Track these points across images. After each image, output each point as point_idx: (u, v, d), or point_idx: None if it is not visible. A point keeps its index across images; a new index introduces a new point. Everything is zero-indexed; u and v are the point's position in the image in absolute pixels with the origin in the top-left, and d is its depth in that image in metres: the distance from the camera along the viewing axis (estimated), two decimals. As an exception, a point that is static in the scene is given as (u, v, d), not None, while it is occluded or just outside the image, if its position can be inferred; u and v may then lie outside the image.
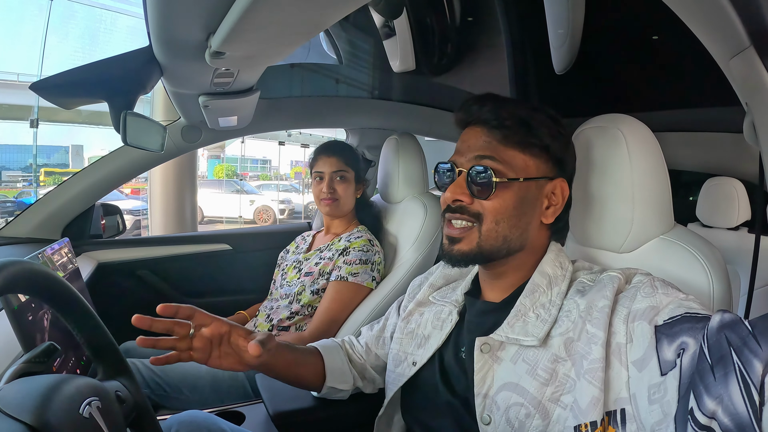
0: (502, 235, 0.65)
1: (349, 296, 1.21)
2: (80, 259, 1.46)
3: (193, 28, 0.64)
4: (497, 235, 0.64)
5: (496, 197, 0.64)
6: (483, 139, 0.65)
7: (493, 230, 0.64)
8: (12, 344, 0.73)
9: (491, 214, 0.64)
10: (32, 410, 0.41)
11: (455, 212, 0.66)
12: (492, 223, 0.64)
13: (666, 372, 0.47)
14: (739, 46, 0.55)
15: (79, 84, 0.78)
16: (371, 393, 0.85)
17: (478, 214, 0.65)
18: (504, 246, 0.65)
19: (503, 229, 0.65)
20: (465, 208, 0.65)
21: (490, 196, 0.64)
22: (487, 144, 0.65)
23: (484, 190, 0.64)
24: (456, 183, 0.65)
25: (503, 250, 0.66)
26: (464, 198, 0.65)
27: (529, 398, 0.57)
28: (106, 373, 0.56)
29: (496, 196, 0.64)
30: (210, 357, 0.65)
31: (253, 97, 1.07)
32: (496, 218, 0.64)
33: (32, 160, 9.79)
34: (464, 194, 0.65)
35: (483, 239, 0.65)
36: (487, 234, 0.64)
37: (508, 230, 0.65)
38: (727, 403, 0.38)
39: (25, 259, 0.47)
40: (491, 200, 0.64)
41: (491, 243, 0.65)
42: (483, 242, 0.65)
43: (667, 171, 0.72)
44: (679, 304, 0.52)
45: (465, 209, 0.65)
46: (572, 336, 0.58)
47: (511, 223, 0.65)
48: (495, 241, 0.65)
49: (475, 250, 0.65)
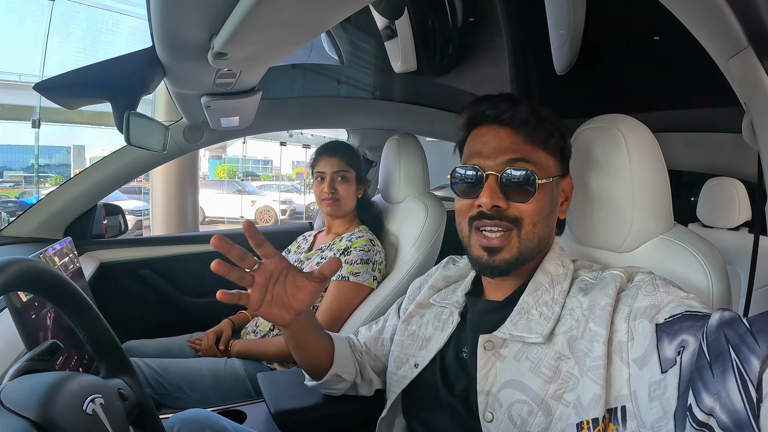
0: (538, 236, 0.65)
1: (350, 296, 1.21)
2: (82, 258, 1.47)
3: (196, 29, 0.65)
4: (534, 237, 0.64)
5: (535, 200, 0.63)
6: (509, 140, 0.64)
7: (531, 233, 0.64)
8: (15, 342, 0.73)
9: (530, 217, 0.63)
10: (36, 407, 0.41)
11: (492, 219, 0.63)
12: (530, 226, 0.64)
13: (666, 369, 0.48)
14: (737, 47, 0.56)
15: (83, 84, 0.79)
16: (366, 396, 0.83)
17: (516, 219, 0.63)
18: (538, 247, 0.66)
19: (539, 230, 0.65)
20: (502, 213, 0.63)
21: (530, 199, 0.63)
22: (516, 145, 0.64)
23: (524, 194, 0.63)
24: (490, 188, 0.63)
25: (536, 251, 0.66)
26: (501, 203, 0.63)
27: (532, 395, 0.57)
28: (109, 371, 0.57)
29: (535, 198, 0.63)
30: (263, 301, 0.64)
31: (255, 97, 1.07)
32: (533, 221, 0.64)
33: (34, 161, 9.80)
34: (500, 199, 0.63)
35: (523, 243, 0.64)
36: (526, 237, 0.64)
37: (542, 230, 0.65)
38: (725, 400, 0.39)
39: (29, 257, 0.47)
40: (531, 203, 0.63)
41: (528, 246, 0.64)
42: (523, 246, 0.64)
43: (666, 171, 0.72)
44: (680, 303, 0.52)
45: (502, 214, 0.63)
46: (575, 334, 0.58)
47: (545, 223, 0.65)
48: (532, 243, 0.65)
49: (516, 256, 0.64)
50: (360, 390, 0.83)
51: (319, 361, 0.78)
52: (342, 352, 0.80)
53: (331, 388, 0.81)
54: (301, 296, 0.66)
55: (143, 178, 8.49)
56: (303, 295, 0.66)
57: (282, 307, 0.65)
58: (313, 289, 0.66)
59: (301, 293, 0.65)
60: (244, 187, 11.20)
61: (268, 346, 1.21)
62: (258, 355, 1.22)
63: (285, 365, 1.22)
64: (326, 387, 0.81)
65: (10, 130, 11.13)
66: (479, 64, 1.92)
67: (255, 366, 1.20)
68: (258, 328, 1.29)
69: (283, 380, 0.94)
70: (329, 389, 0.82)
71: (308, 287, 0.66)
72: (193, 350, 1.31)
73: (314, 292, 0.66)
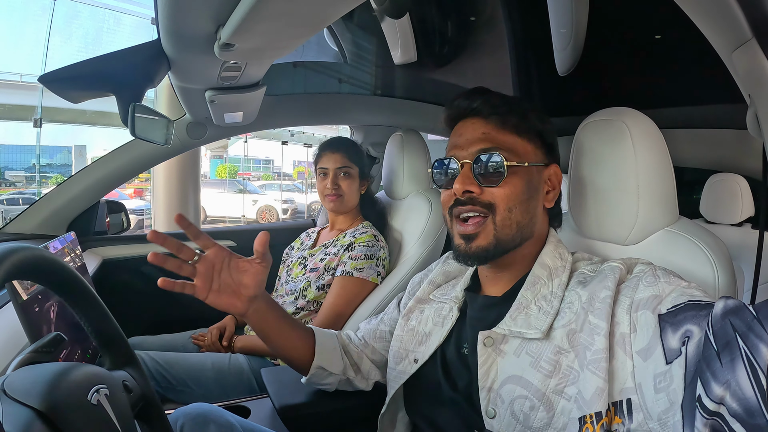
0: (515, 222, 0.65)
1: (355, 291, 1.21)
2: (85, 255, 1.46)
3: (203, 19, 0.64)
4: (511, 222, 0.64)
5: (506, 183, 0.64)
6: (481, 130, 0.65)
7: (507, 218, 0.64)
8: (19, 335, 0.73)
9: (503, 201, 0.64)
10: (40, 395, 0.41)
11: (465, 204, 0.64)
12: (505, 211, 0.64)
13: (671, 360, 0.47)
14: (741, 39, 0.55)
15: (87, 77, 0.78)
16: (365, 390, 0.83)
17: (490, 204, 0.64)
18: (518, 234, 0.65)
19: (516, 216, 0.64)
20: (475, 199, 0.64)
21: (500, 182, 0.63)
22: (486, 134, 0.65)
23: (494, 178, 0.64)
24: (463, 174, 0.64)
25: (518, 238, 0.66)
26: (474, 188, 0.64)
27: (533, 390, 0.57)
28: (114, 363, 0.56)
29: (507, 182, 0.63)
30: (210, 290, 0.67)
31: (259, 92, 1.07)
32: (508, 205, 0.64)
33: (35, 161, 9.83)
34: (473, 184, 0.64)
35: (499, 229, 0.64)
36: (502, 223, 0.64)
37: (520, 216, 0.65)
38: (735, 388, 0.39)
39: (35, 246, 0.47)
40: (502, 187, 0.64)
41: (506, 232, 0.64)
42: (499, 233, 0.64)
43: (671, 163, 0.72)
44: (682, 292, 0.52)
45: (476, 200, 0.64)
46: (575, 327, 0.58)
47: (522, 209, 0.65)
48: (510, 230, 0.64)
49: (493, 243, 0.64)
50: (357, 384, 0.82)
51: (297, 353, 0.78)
52: (326, 344, 0.80)
53: (321, 383, 0.81)
54: (246, 280, 0.68)
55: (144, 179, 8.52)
56: (248, 279, 0.68)
57: (232, 294, 0.68)
58: (256, 270, 0.68)
59: (245, 277, 0.68)
60: (245, 187, 11.22)
61: (272, 343, 1.21)
62: (261, 350, 1.21)
63: (288, 361, 1.21)
64: (315, 381, 0.81)
65: (11, 130, 11.16)
66: (481, 60, 1.92)
67: (259, 361, 1.20)
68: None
69: (287, 376, 0.94)
70: (320, 384, 0.82)
71: (251, 270, 0.68)
72: (196, 346, 1.31)
73: (258, 274, 0.69)
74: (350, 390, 0.84)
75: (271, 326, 0.75)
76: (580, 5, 1.46)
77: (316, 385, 0.82)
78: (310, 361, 0.78)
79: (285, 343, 0.78)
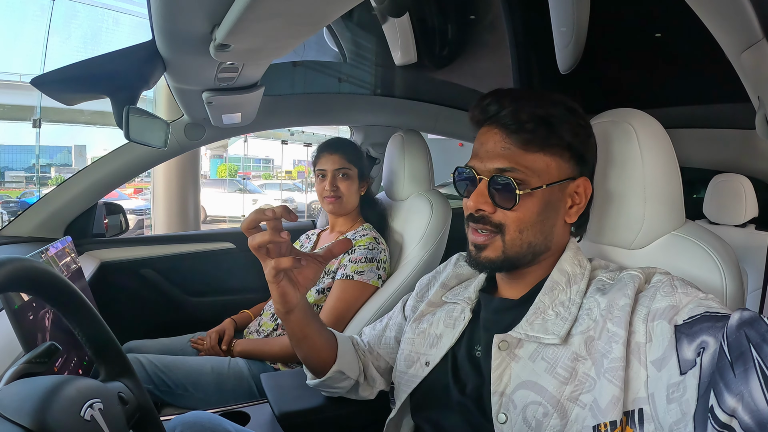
0: (527, 242, 0.64)
1: (355, 295, 1.19)
2: (83, 258, 1.45)
3: (198, 19, 0.63)
4: (522, 242, 0.64)
5: (519, 207, 0.62)
6: (501, 144, 0.63)
7: (517, 239, 0.63)
8: (13, 344, 0.72)
9: (514, 223, 0.63)
10: (31, 413, 0.39)
11: (477, 222, 0.64)
12: (515, 232, 0.63)
13: (685, 371, 0.47)
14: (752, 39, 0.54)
15: (81, 79, 0.77)
16: (368, 398, 0.81)
17: (500, 225, 0.63)
18: (529, 251, 0.65)
19: (527, 237, 0.64)
20: (486, 218, 0.64)
21: (513, 207, 0.62)
22: (507, 151, 0.62)
23: (507, 201, 0.62)
24: (478, 192, 0.63)
25: (528, 256, 0.65)
26: (486, 207, 0.63)
27: (547, 397, 0.56)
28: (109, 374, 0.55)
29: (520, 206, 0.62)
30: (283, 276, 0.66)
31: (257, 93, 1.05)
32: (519, 227, 0.63)
33: (35, 161, 9.82)
34: (486, 203, 0.63)
35: (507, 248, 0.64)
36: (511, 243, 0.64)
37: (532, 237, 0.64)
38: (748, 400, 0.38)
39: (26, 257, 0.45)
40: (515, 210, 0.62)
41: (515, 251, 0.64)
42: (508, 250, 0.64)
43: (678, 166, 0.71)
44: (699, 304, 0.52)
45: (487, 219, 0.64)
46: (593, 334, 0.57)
47: (535, 230, 0.64)
48: (520, 249, 0.64)
49: (501, 258, 0.64)
50: (361, 392, 0.81)
51: (323, 354, 0.77)
52: (345, 348, 0.79)
53: (333, 387, 0.79)
54: (307, 272, 0.69)
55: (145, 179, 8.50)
56: (308, 272, 0.69)
57: (293, 285, 0.68)
58: (317, 267, 0.69)
59: (306, 270, 0.69)
60: (245, 186, 11.21)
61: (271, 346, 1.20)
62: (261, 355, 1.20)
63: (289, 365, 1.20)
64: (329, 385, 0.79)
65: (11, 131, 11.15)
66: (481, 59, 1.90)
67: (259, 366, 1.19)
68: (261, 328, 1.27)
69: (287, 381, 0.93)
70: (331, 388, 0.80)
71: (312, 265, 0.69)
72: (195, 350, 1.29)
73: (318, 270, 0.69)
74: (352, 398, 0.82)
75: (310, 328, 0.74)
76: (581, 4, 1.44)
77: (325, 388, 0.81)
78: (330, 364, 0.77)
79: (316, 345, 0.76)
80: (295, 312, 0.70)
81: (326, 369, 0.76)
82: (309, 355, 0.77)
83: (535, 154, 0.62)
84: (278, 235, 0.62)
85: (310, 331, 0.74)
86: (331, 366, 0.76)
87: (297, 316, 0.70)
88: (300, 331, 0.73)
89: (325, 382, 0.78)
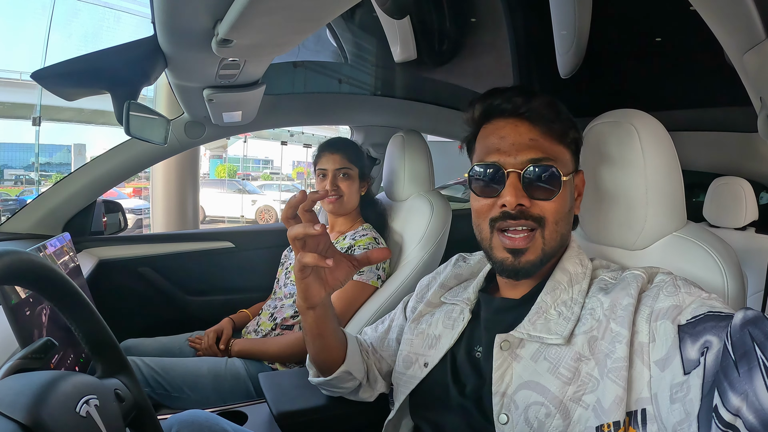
0: (560, 234, 0.63)
1: (354, 295, 1.18)
2: (81, 255, 1.44)
3: (200, 14, 0.62)
4: (557, 235, 0.63)
5: (558, 197, 0.61)
6: (528, 135, 0.62)
7: (555, 232, 0.63)
8: (9, 340, 0.71)
9: (552, 215, 0.62)
10: (26, 408, 0.39)
11: (516, 219, 0.61)
12: (553, 224, 0.62)
13: (689, 371, 0.47)
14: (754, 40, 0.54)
15: (82, 73, 0.76)
16: (368, 401, 0.80)
17: (540, 218, 0.61)
18: (561, 245, 0.64)
19: (561, 228, 0.63)
20: (526, 212, 0.61)
21: (554, 196, 0.61)
22: (535, 141, 0.62)
23: (548, 191, 0.61)
24: (512, 185, 0.60)
25: (558, 250, 0.65)
26: (525, 201, 0.61)
27: (549, 397, 0.56)
28: (105, 371, 0.54)
29: (559, 195, 0.61)
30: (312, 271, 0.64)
31: (258, 91, 1.05)
32: (556, 219, 0.62)
33: (34, 159, 9.80)
34: (524, 197, 0.61)
35: (547, 243, 0.62)
36: (550, 237, 0.62)
37: (564, 228, 0.64)
38: (752, 399, 0.38)
39: (24, 250, 0.45)
40: (554, 202, 0.61)
41: (552, 245, 0.63)
42: (547, 246, 0.62)
43: (680, 167, 0.71)
44: (702, 303, 0.51)
45: (526, 213, 0.61)
46: (596, 334, 0.57)
47: (566, 220, 0.64)
48: (556, 242, 0.63)
49: (540, 257, 0.62)
50: (361, 393, 0.80)
51: (334, 354, 0.75)
52: (354, 349, 0.78)
53: (337, 387, 0.78)
54: (338, 273, 0.66)
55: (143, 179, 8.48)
56: (339, 273, 0.66)
57: (321, 283, 0.66)
58: (349, 269, 0.67)
59: (338, 271, 0.66)
60: (244, 186, 11.19)
61: (269, 346, 1.19)
62: (259, 354, 1.19)
63: (287, 365, 1.19)
64: (333, 385, 0.78)
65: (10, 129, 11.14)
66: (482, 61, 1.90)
67: (256, 366, 1.18)
68: (259, 328, 1.27)
69: (285, 380, 0.92)
70: (335, 388, 0.79)
71: (345, 266, 0.67)
72: (192, 349, 1.28)
73: (350, 273, 0.67)
74: (352, 399, 0.81)
75: (328, 325, 0.72)
76: (582, 7, 1.44)
77: (328, 387, 0.79)
78: (338, 364, 0.75)
79: (330, 343, 0.74)
80: (316, 310, 0.68)
81: (334, 368, 0.75)
82: (319, 353, 0.75)
83: (558, 146, 0.63)
84: (312, 228, 0.59)
85: (326, 330, 0.72)
86: (339, 366, 0.75)
87: (317, 313, 0.69)
88: (316, 328, 0.71)
89: (330, 382, 0.77)
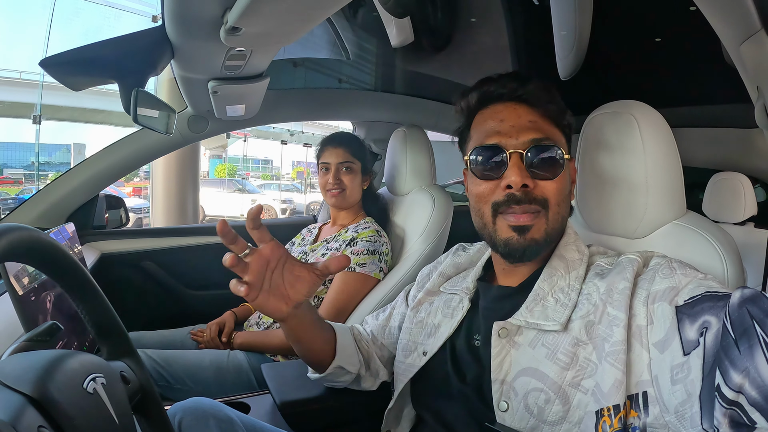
0: (562, 216, 0.64)
1: (356, 287, 1.19)
2: (84, 249, 1.44)
3: (210, 2, 0.63)
4: (559, 217, 0.63)
5: (560, 177, 0.62)
6: (528, 118, 0.62)
7: (557, 213, 0.63)
8: (14, 326, 0.71)
9: (555, 196, 0.62)
10: (33, 381, 0.39)
11: (520, 202, 0.60)
12: (556, 206, 0.62)
13: (689, 351, 0.47)
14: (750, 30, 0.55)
15: (89, 62, 0.76)
16: (370, 389, 0.80)
17: (544, 200, 0.61)
18: (562, 227, 0.65)
19: (562, 210, 0.63)
20: (530, 194, 0.61)
21: (557, 176, 0.61)
22: (534, 123, 0.62)
23: (550, 170, 0.61)
24: (516, 165, 0.60)
25: (559, 233, 0.65)
26: (529, 182, 0.60)
27: (549, 383, 0.56)
28: (111, 354, 0.54)
29: (561, 175, 0.62)
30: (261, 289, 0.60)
31: (262, 83, 1.05)
32: (558, 200, 0.62)
33: (34, 158, 9.80)
34: (528, 177, 0.60)
35: (550, 225, 0.62)
36: (553, 218, 0.62)
37: (564, 210, 0.64)
38: (754, 375, 0.38)
39: (31, 227, 0.45)
40: (555, 182, 0.61)
41: (555, 228, 0.63)
42: (550, 228, 0.62)
43: (679, 156, 0.71)
44: (699, 284, 0.52)
45: (530, 196, 0.61)
46: (593, 319, 0.57)
47: (566, 202, 0.64)
48: (558, 224, 0.63)
49: (544, 238, 0.62)
50: (363, 383, 0.80)
51: (322, 354, 0.76)
52: (345, 343, 0.78)
53: (335, 381, 0.79)
54: (300, 287, 0.62)
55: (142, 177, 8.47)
56: (301, 286, 0.62)
57: (279, 298, 0.62)
58: (312, 280, 0.62)
59: (299, 284, 0.62)
60: (244, 186, 11.20)
61: (271, 339, 1.19)
62: (261, 347, 1.19)
63: (288, 358, 1.19)
64: (330, 380, 0.78)
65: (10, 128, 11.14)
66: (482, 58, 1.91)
67: (258, 358, 1.18)
68: (261, 320, 1.27)
69: (288, 371, 0.92)
70: (333, 382, 0.79)
71: (307, 278, 0.62)
72: (194, 342, 1.28)
73: (313, 284, 0.63)
74: (356, 389, 0.81)
75: (306, 332, 0.71)
76: (582, 7, 1.45)
77: (326, 382, 0.80)
78: (329, 361, 0.75)
79: (313, 347, 0.74)
80: (287, 321, 0.66)
81: (325, 366, 0.76)
82: (305, 355, 0.76)
83: (555, 128, 0.64)
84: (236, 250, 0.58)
85: (305, 336, 0.71)
86: (330, 362, 0.75)
87: (290, 324, 0.67)
88: (293, 336, 0.70)
89: (326, 378, 0.78)
